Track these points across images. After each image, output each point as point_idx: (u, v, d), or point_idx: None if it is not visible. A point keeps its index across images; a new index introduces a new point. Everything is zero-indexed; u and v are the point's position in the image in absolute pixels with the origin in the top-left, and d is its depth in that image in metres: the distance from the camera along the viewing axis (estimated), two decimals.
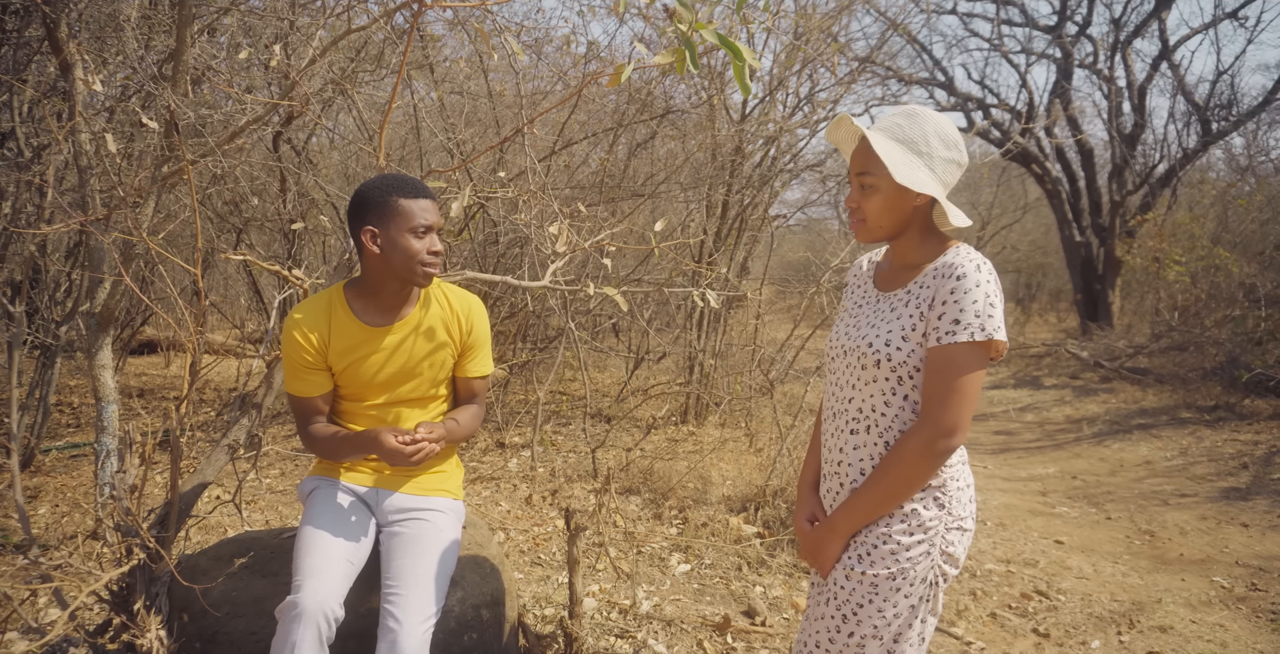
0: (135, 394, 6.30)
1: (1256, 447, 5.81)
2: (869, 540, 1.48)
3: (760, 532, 3.68)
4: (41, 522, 3.48)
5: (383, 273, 1.86)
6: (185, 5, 2.57)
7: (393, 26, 3.73)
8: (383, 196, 1.82)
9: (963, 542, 1.50)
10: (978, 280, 1.38)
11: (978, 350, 1.39)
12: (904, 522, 1.46)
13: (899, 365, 1.45)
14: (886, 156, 1.41)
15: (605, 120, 5.08)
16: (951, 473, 1.49)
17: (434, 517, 1.95)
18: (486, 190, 2.76)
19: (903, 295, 1.50)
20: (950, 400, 1.38)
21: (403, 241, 1.82)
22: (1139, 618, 3.19)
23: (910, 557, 1.45)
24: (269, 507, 3.83)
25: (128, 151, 3.36)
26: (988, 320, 1.37)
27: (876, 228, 1.51)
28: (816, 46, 5.00)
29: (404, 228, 1.82)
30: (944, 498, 1.48)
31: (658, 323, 7.24)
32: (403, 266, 1.83)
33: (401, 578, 1.79)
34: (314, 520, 1.86)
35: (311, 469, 2.07)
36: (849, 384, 1.53)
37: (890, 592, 1.45)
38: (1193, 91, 11.14)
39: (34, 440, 3.96)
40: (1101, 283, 11.64)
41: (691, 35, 1.77)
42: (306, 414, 1.95)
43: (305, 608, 1.64)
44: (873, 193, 1.48)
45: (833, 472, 1.58)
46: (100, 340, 2.97)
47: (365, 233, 1.83)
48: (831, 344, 1.60)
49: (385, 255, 1.83)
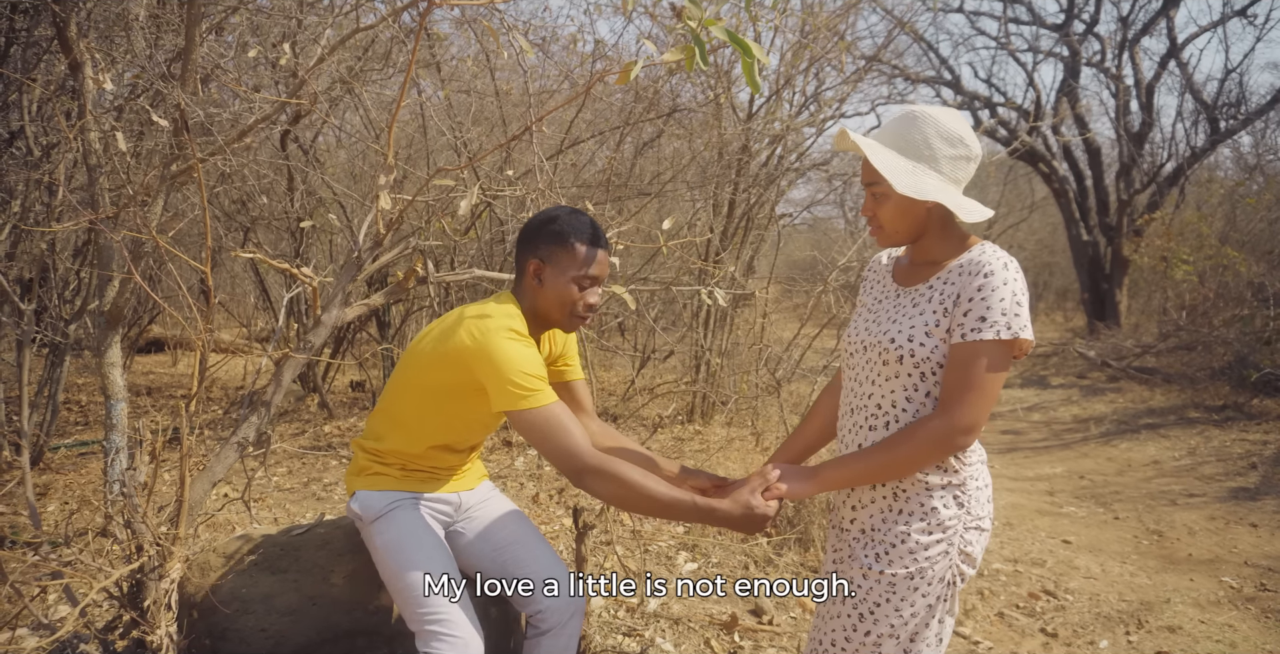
0: (143, 392, 6.34)
1: (1265, 446, 5.78)
2: (888, 539, 1.47)
3: (767, 531, 3.68)
4: (50, 518, 3.49)
5: (533, 305, 1.77)
6: (194, 4, 2.57)
7: (400, 25, 3.73)
8: (562, 234, 1.73)
9: (980, 541, 1.50)
10: (1005, 278, 1.39)
11: (1002, 348, 1.38)
12: (923, 520, 1.46)
13: (922, 361, 1.44)
14: (884, 169, 1.41)
15: (612, 119, 5.08)
16: (970, 472, 1.49)
17: (495, 494, 2.02)
18: (494, 189, 2.76)
19: (925, 291, 1.49)
20: (970, 397, 1.38)
21: (563, 286, 1.73)
22: (1147, 618, 3.18)
23: (929, 556, 1.45)
24: (277, 504, 3.84)
25: (136, 150, 3.37)
26: (1014, 319, 1.37)
27: (894, 233, 1.52)
28: (823, 45, 4.99)
29: (570, 274, 1.73)
30: (963, 497, 1.47)
31: (664, 321, 7.24)
32: (555, 309, 1.76)
33: (521, 542, 1.90)
34: (427, 549, 1.75)
35: (373, 482, 1.83)
36: (868, 380, 1.52)
37: (908, 591, 1.45)
38: (1201, 90, 11.10)
39: (43, 438, 3.98)
40: (1109, 282, 11.60)
41: (701, 32, 1.76)
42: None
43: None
44: (884, 200, 1.48)
45: None
46: (109, 338, 2.98)
47: (531, 264, 1.75)
48: (850, 339, 1.59)
49: (544, 293, 1.75)
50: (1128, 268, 11.32)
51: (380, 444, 1.84)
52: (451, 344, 1.67)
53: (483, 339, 1.62)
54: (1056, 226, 14.40)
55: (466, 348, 1.63)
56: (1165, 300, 10.11)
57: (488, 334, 1.62)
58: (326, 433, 5.19)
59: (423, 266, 2.23)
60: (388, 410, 1.85)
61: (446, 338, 1.69)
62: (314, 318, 2.14)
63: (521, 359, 1.62)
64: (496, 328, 1.63)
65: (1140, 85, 11.45)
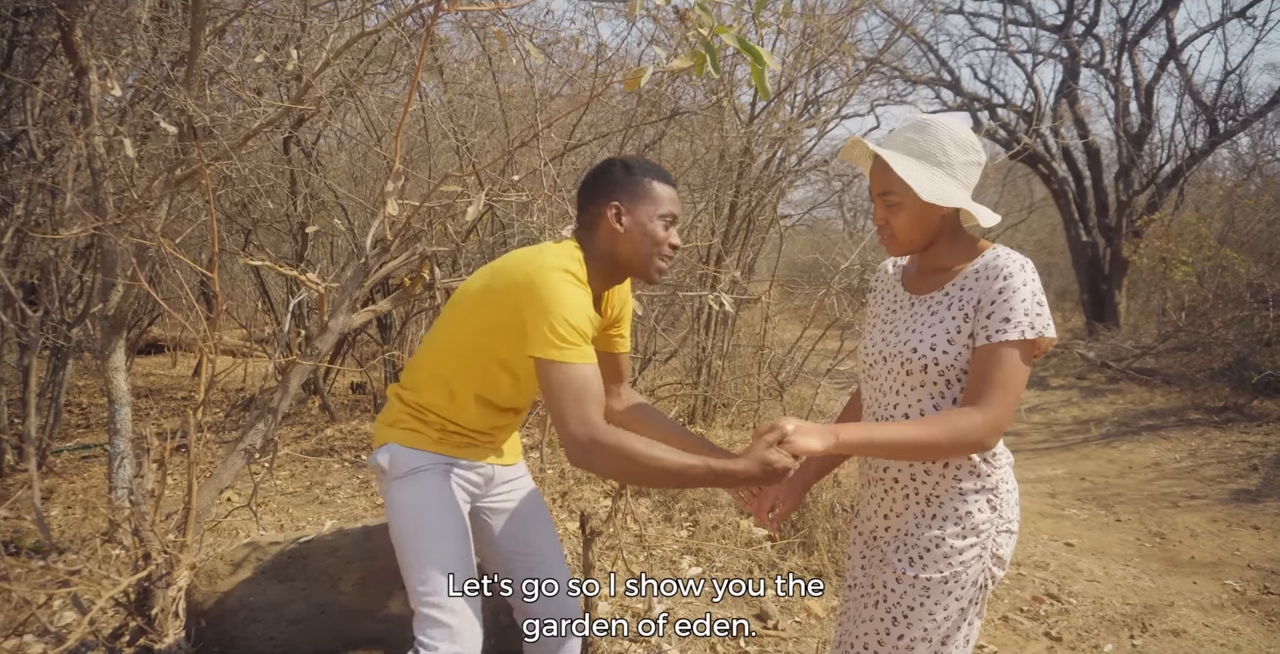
0: (144, 394, 6.33)
1: (1266, 448, 5.79)
2: (921, 544, 1.47)
3: (771, 535, 3.68)
4: (54, 523, 3.48)
5: (613, 256, 1.66)
6: (199, 8, 2.57)
7: (404, 28, 3.73)
8: (634, 176, 1.65)
9: (1010, 544, 1.51)
10: (1024, 279, 1.40)
11: (1026, 348, 1.39)
12: (958, 525, 1.46)
13: (946, 368, 1.44)
14: (908, 176, 1.41)
15: (614, 121, 5.08)
16: (1001, 475, 1.49)
17: (526, 479, 1.92)
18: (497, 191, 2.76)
19: (940, 298, 1.49)
20: (996, 397, 1.37)
21: (651, 226, 1.63)
22: (1151, 621, 3.18)
23: (963, 559, 1.45)
24: (280, 508, 3.84)
25: (141, 154, 3.36)
26: (1036, 318, 1.39)
27: (908, 242, 1.51)
28: (825, 49, 4.99)
29: (654, 213, 1.64)
30: (996, 500, 1.48)
31: (664, 322, 7.23)
32: (643, 253, 1.64)
33: (540, 550, 1.83)
34: (447, 527, 1.65)
35: (407, 437, 1.70)
36: (892, 390, 1.51)
37: (942, 595, 1.45)
38: (1200, 91, 11.11)
39: (46, 441, 3.97)
40: (1108, 283, 11.61)
41: (711, 39, 1.76)
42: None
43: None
44: (898, 210, 1.48)
45: (876, 477, 1.55)
46: (113, 343, 2.98)
47: (610, 208, 1.63)
48: (868, 351, 1.58)
49: (628, 236, 1.63)
50: (1127, 269, 11.33)
51: (419, 396, 1.71)
52: (502, 279, 1.57)
53: (536, 276, 1.50)
54: (1055, 227, 14.40)
55: (518, 284, 1.52)
56: (1164, 301, 10.12)
57: (543, 271, 1.51)
58: (329, 436, 5.18)
59: (429, 272, 2.22)
60: (429, 358, 1.72)
61: (498, 273, 1.59)
62: (321, 324, 2.14)
63: (570, 306, 1.49)
64: (553, 267, 1.51)
65: (1139, 86, 11.46)
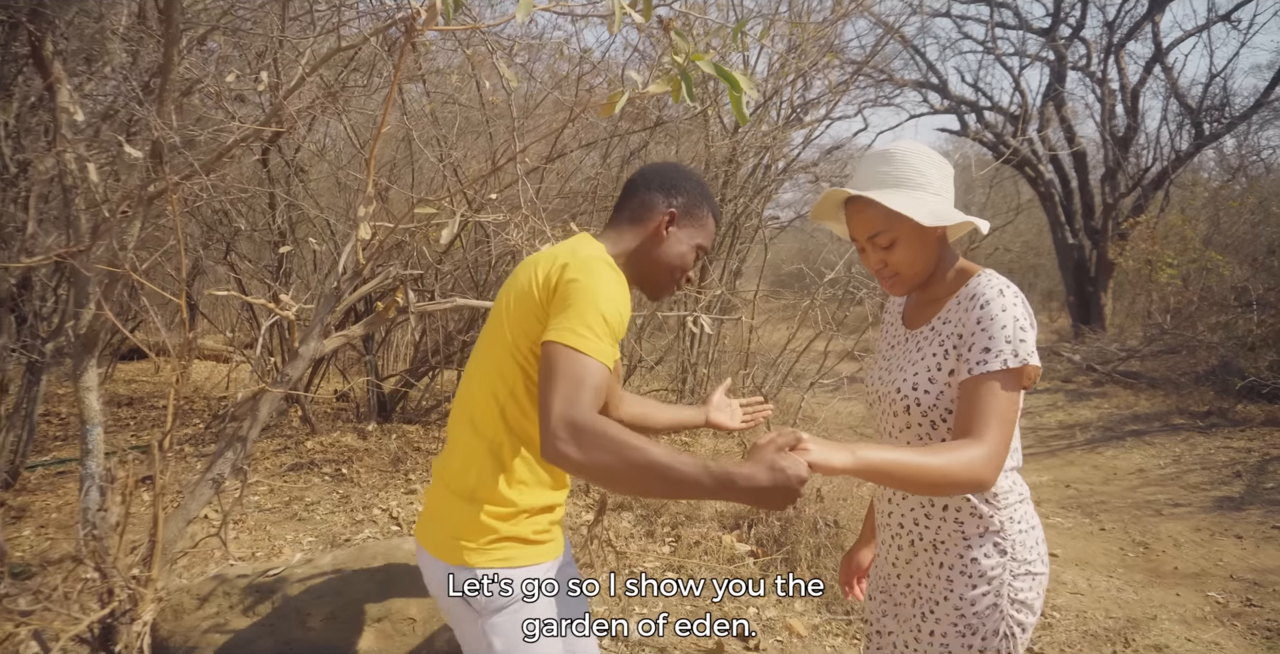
0: (124, 403, 6.25)
1: (1250, 454, 5.82)
2: (933, 596, 1.40)
3: (754, 550, 3.66)
4: (26, 544, 3.43)
5: (642, 256, 1.55)
6: (173, 23, 2.52)
7: (384, 38, 3.68)
8: (699, 197, 1.59)
9: (1035, 586, 1.40)
10: (1003, 305, 1.31)
11: (1011, 377, 1.28)
12: (964, 573, 1.37)
13: (929, 409, 1.36)
14: (900, 206, 1.34)
15: (598, 131, 5.05)
16: (1010, 514, 1.39)
17: (571, 564, 1.65)
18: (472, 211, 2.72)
19: (928, 334, 1.43)
20: (987, 432, 1.24)
21: (686, 249, 1.57)
22: (1134, 636, 3.18)
23: (976, 611, 1.36)
24: (257, 526, 3.79)
25: (114, 171, 3.31)
26: (1019, 345, 1.28)
27: (914, 276, 1.43)
28: (812, 58, 4.97)
29: (695, 238, 1.58)
30: (1004, 543, 1.38)
31: (650, 328, 7.21)
32: (665, 269, 1.57)
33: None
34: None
35: (509, 552, 1.41)
36: (889, 432, 1.46)
37: (962, 649, 1.37)
38: (1185, 94, 11.17)
39: (19, 458, 3.91)
40: (1094, 285, 11.66)
41: (688, 67, 1.74)
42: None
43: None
44: (895, 245, 1.39)
45: (883, 522, 1.51)
46: (85, 362, 2.92)
47: (668, 213, 1.54)
48: (869, 389, 1.53)
49: (665, 248, 1.55)
50: (1112, 271, 11.38)
51: (504, 488, 1.41)
52: (546, 275, 1.39)
53: (585, 265, 1.36)
54: (1042, 229, 14.44)
55: (558, 274, 1.37)
56: (1150, 304, 10.17)
57: (592, 260, 1.37)
58: (309, 449, 5.12)
59: (403, 296, 2.19)
60: (486, 420, 1.43)
61: (526, 272, 1.45)
62: (291, 351, 2.10)
63: (612, 303, 1.32)
64: (600, 260, 1.39)
65: (1125, 89, 11.51)
